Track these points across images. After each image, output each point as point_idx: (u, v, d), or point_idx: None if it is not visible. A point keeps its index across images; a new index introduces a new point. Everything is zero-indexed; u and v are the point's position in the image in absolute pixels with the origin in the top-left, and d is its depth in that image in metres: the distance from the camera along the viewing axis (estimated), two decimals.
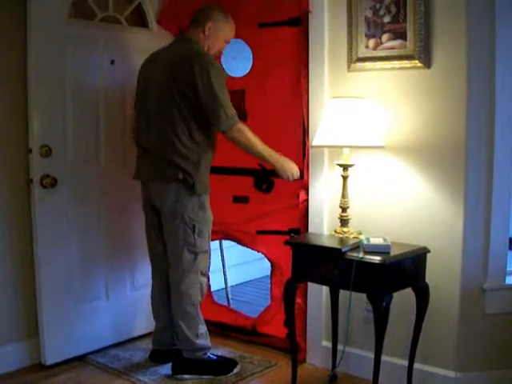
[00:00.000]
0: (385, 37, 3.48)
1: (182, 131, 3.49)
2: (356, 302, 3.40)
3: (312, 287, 3.90)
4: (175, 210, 3.55)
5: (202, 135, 3.56)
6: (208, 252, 3.75)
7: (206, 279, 3.79)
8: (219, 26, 3.70)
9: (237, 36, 3.94)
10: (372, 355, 3.15)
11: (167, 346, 3.91)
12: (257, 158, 3.65)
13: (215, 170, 4.08)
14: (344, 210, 3.49)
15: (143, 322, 4.03)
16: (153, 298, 3.93)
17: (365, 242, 3.19)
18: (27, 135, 3.74)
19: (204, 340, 3.74)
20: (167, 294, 3.81)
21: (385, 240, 3.22)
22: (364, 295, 3.14)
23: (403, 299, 3.30)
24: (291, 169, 3.63)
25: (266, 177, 4.14)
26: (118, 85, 4.14)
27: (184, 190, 3.53)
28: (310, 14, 3.79)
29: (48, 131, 3.76)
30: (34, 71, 3.67)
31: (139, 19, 4.35)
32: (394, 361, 3.53)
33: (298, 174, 3.67)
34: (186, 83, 3.44)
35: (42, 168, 3.73)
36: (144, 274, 4.23)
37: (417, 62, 3.37)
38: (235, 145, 3.57)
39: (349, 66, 3.66)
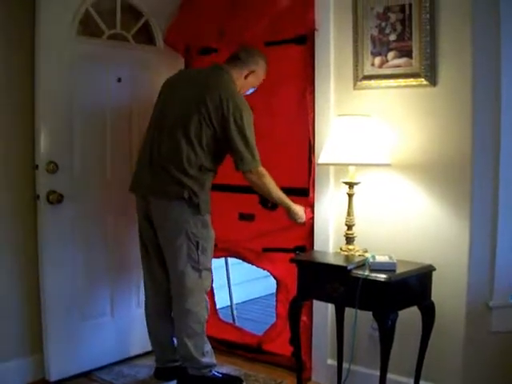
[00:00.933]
0: (390, 55, 3.49)
1: (195, 156, 3.49)
2: (361, 320, 3.39)
3: (317, 305, 3.89)
4: (179, 226, 3.53)
5: (211, 164, 3.59)
6: (211, 270, 3.73)
7: (206, 296, 3.76)
8: (259, 72, 3.79)
9: None
10: (378, 373, 3.13)
11: (171, 362, 3.89)
12: (272, 201, 3.77)
13: (221, 188, 4.10)
14: (350, 227, 3.49)
15: (148, 339, 4.02)
16: (149, 315, 3.90)
17: (370, 260, 3.19)
18: (34, 151, 3.76)
19: (209, 358, 3.72)
20: (166, 310, 3.79)
21: (390, 258, 3.21)
22: (369, 313, 3.13)
23: (409, 317, 3.29)
24: (300, 213, 3.74)
25: None
26: (125, 102, 4.16)
27: (187, 207, 3.51)
28: (316, 32, 3.81)
29: (54, 147, 3.78)
30: (41, 87, 3.70)
31: (146, 37, 4.37)
32: (399, 379, 3.50)
33: (305, 217, 3.78)
34: (217, 117, 3.47)
35: (48, 184, 3.74)
36: None
37: (422, 80, 3.38)
38: (251, 185, 3.63)
39: (355, 84, 3.67)
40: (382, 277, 3.04)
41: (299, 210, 3.73)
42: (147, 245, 3.79)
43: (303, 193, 3.94)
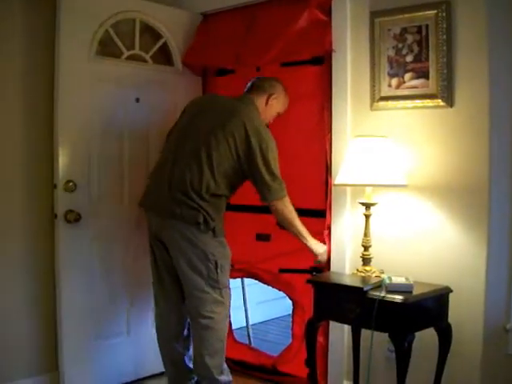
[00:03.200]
0: (407, 76, 3.50)
1: (215, 183, 3.49)
2: (378, 342, 3.36)
3: (334, 326, 3.86)
4: (197, 248, 3.50)
5: (228, 191, 3.60)
6: (228, 287, 3.68)
7: (229, 313, 3.74)
8: (280, 99, 3.80)
9: (259, 75, 3.98)
10: None
11: (184, 382, 3.87)
12: (292, 233, 3.68)
13: (238, 208, 4.11)
14: (366, 248, 3.48)
15: (159, 360, 4.01)
16: (162, 336, 3.84)
17: (387, 281, 3.17)
18: (53, 170, 3.79)
19: (226, 375, 3.68)
20: (180, 330, 3.77)
21: (407, 279, 3.19)
22: (386, 334, 3.11)
23: (426, 339, 3.26)
24: (319, 251, 3.76)
25: None
26: (143, 122, 4.19)
27: (204, 230, 3.49)
28: (333, 53, 3.82)
29: (73, 167, 3.81)
30: (60, 107, 3.74)
31: (164, 58, 4.41)
32: None
33: (325, 260, 3.82)
34: (243, 148, 3.49)
35: (66, 203, 3.77)
36: None
37: (439, 101, 3.37)
38: (275, 215, 3.63)
39: (371, 105, 3.67)
40: (398, 298, 3.02)
41: (318, 248, 3.75)
42: (159, 264, 3.74)
43: (320, 214, 3.94)
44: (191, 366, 3.81)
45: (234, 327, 4.65)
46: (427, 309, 3.17)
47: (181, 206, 3.48)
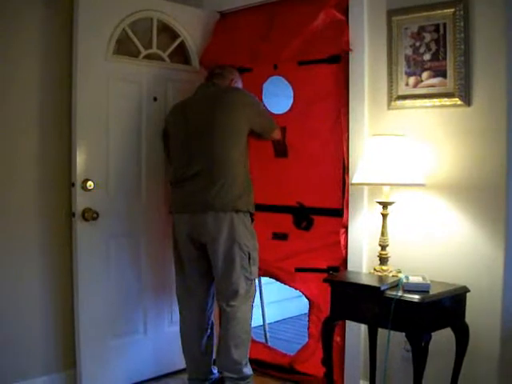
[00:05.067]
0: (425, 74, 3.49)
1: (237, 160, 3.68)
2: (394, 341, 3.36)
3: (350, 325, 3.86)
4: (232, 238, 3.62)
5: (246, 159, 3.78)
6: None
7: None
8: (239, 84, 4.09)
9: (277, 73, 3.98)
10: None
11: (202, 375, 3.93)
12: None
13: (255, 208, 4.09)
14: (383, 248, 3.47)
15: (180, 357, 4.02)
16: (185, 331, 3.93)
17: (404, 281, 3.16)
18: (70, 169, 3.81)
19: (249, 369, 3.78)
20: (202, 325, 3.85)
21: (424, 279, 3.18)
22: (403, 334, 3.10)
23: (442, 338, 3.25)
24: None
25: (305, 215, 4.13)
26: (161, 122, 4.19)
27: (237, 218, 3.63)
28: (350, 52, 3.81)
29: (91, 165, 3.83)
30: (78, 106, 3.76)
31: (182, 56, 4.42)
32: None
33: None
34: (242, 115, 3.72)
35: (84, 201, 3.80)
36: None
37: (457, 99, 3.36)
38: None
39: (389, 104, 3.66)
40: (415, 297, 3.01)
41: None
42: (184, 262, 3.83)
43: (337, 213, 3.93)
44: (212, 366, 3.92)
45: None
46: (444, 308, 3.15)
47: (215, 196, 3.62)
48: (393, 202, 3.45)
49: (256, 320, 4.97)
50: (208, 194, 3.62)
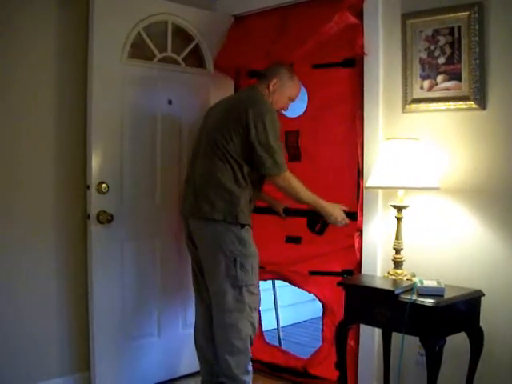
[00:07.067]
0: (440, 78, 3.48)
1: (227, 172, 3.53)
2: (408, 345, 3.34)
3: (364, 329, 3.85)
4: (215, 244, 3.55)
5: (244, 178, 3.58)
6: (255, 286, 3.66)
7: (256, 314, 3.71)
8: (284, 83, 3.78)
9: None
10: None
11: (215, 378, 3.87)
12: (302, 204, 3.69)
13: (268, 211, 4.10)
14: (398, 251, 3.46)
15: (194, 359, 4.02)
16: (196, 333, 3.91)
17: (418, 285, 3.15)
18: (85, 172, 3.83)
19: (250, 378, 3.67)
20: (212, 329, 3.78)
21: (438, 282, 3.17)
22: (417, 338, 3.09)
23: (457, 343, 3.23)
24: (335, 213, 3.68)
25: (318, 218, 4.12)
26: (175, 124, 4.21)
27: (222, 225, 3.53)
28: (364, 56, 3.81)
29: (105, 168, 3.85)
30: (93, 109, 3.77)
31: (196, 60, 4.42)
32: None
33: (346, 219, 3.72)
34: (239, 125, 3.50)
35: (98, 204, 3.81)
36: None
37: (472, 103, 3.35)
38: (280, 191, 3.63)
39: (403, 107, 3.66)
40: (429, 302, 3.00)
41: (334, 209, 3.68)
42: (194, 265, 3.84)
43: (352, 216, 3.91)
44: None
45: (264, 329, 4.66)
46: (459, 313, 3.14)
47: (200, 202, 3.57)
48: (407, 206, 3.44)
49: (270, 323, 5.01)
50: (194, 200, 3.62)
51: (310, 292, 4.27)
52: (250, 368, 3.68)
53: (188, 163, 3.88)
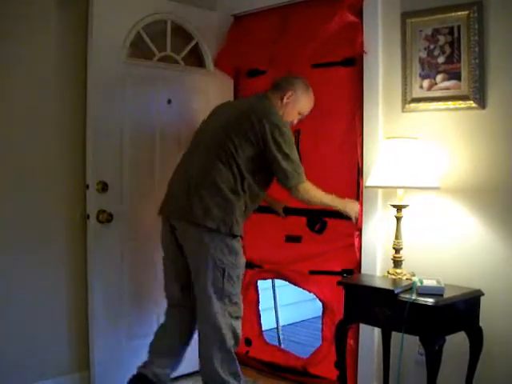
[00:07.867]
0: (439, 77, 3.48)
1: (228, 179, 3.43)
2: (408, 345, 3.35)
3: (364, 328, 3.85)
4: (203, 251, 3.43)
5: (242, 187, 3.49)
6: (237, 295, 3.54)
7: (239, 323, 3.56)
8: (298, 97, 3.70)
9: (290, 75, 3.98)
10: None
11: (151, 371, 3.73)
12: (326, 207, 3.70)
13: (268, 210, 4.10)
14: (397, 251, 3.46)
15: (193, 359, 4.01)
16: (159, 334, 3.80)
17: (418, 284, 3.15)
18: (85, 171, 3.83)
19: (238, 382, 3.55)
20: (179, 334, 3.73)
21: (438, 282, 3.18)
22: (416, 337, 3.09)
23: (456, 342, 3.23)
24: (355, 209, 3.73)
25: (318, 217, 4.13)
26: (175, 124, 4.21)
27: (214, 233, 3.41)
28: (364, 55, 3.81)
29: (105, 167, 3.85)
30: (92, 109, 3.78)
31: (196, 59, 4.43)
32: None
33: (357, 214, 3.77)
34: (253, 136, 3.43)
35: (98, 203, 3.82)
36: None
37: (471, 102, 3.35)
38: (300, 201, 3.57)
39: (403, 107, 3.66)
40: (429, 301, 3.00)
41: (351, 208, 3.72)
42: (168, 263, 3.74)
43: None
44: None
45: (264, 328, 4.66)
46: (458, 312, 3.14)
47: (190, 205, 3.44)
48: (407, 205, 3.44)
49: (269, 323, 5.00)
50: (186, 200, 3.47)
51: (309, 291, 4.27)
52: (237, 372, 3.56)
53: (182, 158, 3.74)
